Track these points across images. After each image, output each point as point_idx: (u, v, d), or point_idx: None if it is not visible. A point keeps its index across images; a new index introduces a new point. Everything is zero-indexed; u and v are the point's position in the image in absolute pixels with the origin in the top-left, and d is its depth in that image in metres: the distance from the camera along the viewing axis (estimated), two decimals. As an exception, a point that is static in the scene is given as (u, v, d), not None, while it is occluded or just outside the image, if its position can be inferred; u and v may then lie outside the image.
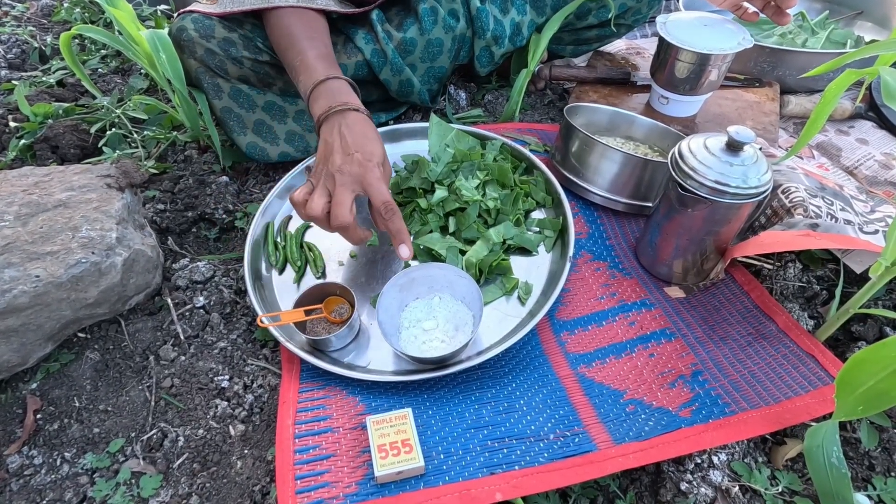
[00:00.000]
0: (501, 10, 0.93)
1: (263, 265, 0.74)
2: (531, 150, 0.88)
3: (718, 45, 0.80)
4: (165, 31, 0.80)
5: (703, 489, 0.51)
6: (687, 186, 0.59)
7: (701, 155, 0.58)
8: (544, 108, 1.07)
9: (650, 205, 0.73)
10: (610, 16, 0.97)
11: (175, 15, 0.88)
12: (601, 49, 1.14)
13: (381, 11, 0.88)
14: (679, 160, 0.60)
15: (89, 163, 0.90)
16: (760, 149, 0.62)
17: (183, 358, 0.65)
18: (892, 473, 0.55)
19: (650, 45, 1.21)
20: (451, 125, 0.86)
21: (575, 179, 0.78)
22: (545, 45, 0.95)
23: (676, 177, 0.60)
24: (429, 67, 0.93)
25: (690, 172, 0.58)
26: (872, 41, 1.12)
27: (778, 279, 0.69)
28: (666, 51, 0.84)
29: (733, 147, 0.57)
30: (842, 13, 1.20)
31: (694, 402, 0.56)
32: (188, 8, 0.82)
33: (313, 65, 0.68)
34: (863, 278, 0.67)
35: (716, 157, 0.58)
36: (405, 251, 0.62)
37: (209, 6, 0.79)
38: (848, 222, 0.66)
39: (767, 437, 0.57)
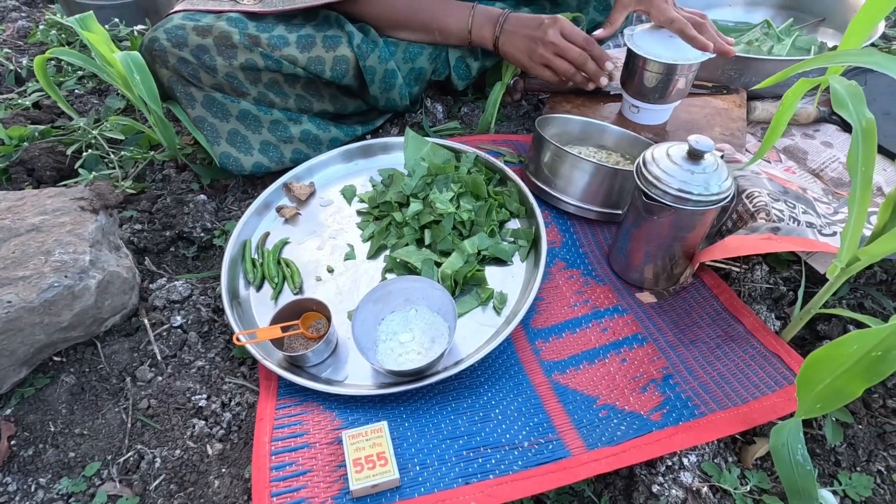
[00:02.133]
0: None
1: (241, 282, 0.74)
2: (506, 162, 0.90)
3: (684, 56, 0.82)
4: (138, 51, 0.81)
5: (674, 490, 0.52)
6: (651, 195, 0.61)
7: (664, 164, 0.60)
8: (520, 119, 1.09)
9: (621, 212, 0.74)
10: (581, 25, 0.99)
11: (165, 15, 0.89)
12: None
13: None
14: (643, 169, 0.62)
15: (65, 184, 0.90)
16: (722, 156, 0.63)
17: (160, 378, 0.65)
18: (858, 468, 0.56)
19: (622, 55, 1.24)
20: (427, 139, 0.87)
21: (548, 189, 0.80)
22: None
23: (642, 185, 0.62)
24: (411, 68, 0.94)
25: (654, 181, 0.60)
26: (834, 47, 1.16)
27: (746, 282, 0.71)
28: (634, 62, 0.86)
29: (694, 156, 0.59)
30: (806, 20, 1.24)
31: (665, 406, 0.58)
32: (176, 8, 0.84)
33: (448, 6, 0.89)
34: (826, 278, 0.69)
35: (678, 165, 0.60)
36: (610, 65, 0.87)
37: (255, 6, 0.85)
38: (810, 225, 0.69)
39: (737, 436, 0.58)
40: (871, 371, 0.42)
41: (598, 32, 0.91)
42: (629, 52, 0.86)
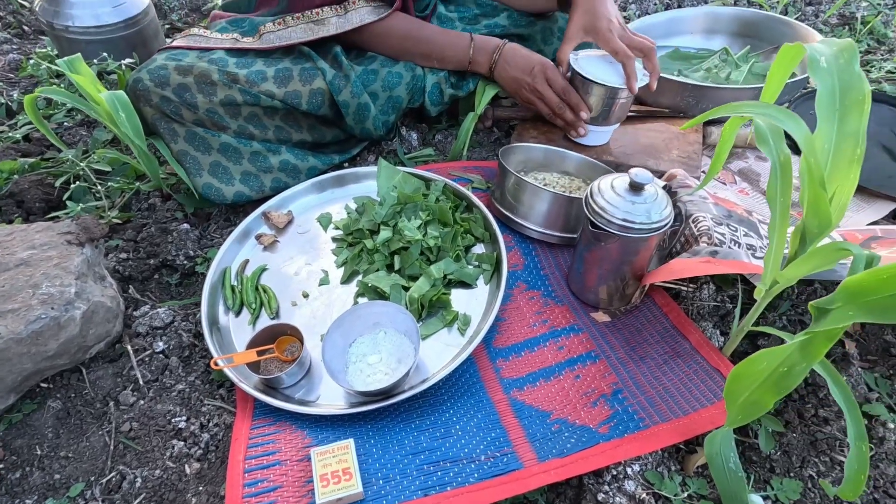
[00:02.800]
0: None
1: (221, 308, 0.78)
2: (474, 188, 0.95)
3: (623, 80, 0.88)
4: (123, 90, 0.86)
5: (618, 498, 0.56)
6: (599, 224, 0.66)
7: (608, 195, 0.65)
8: (491, 146, 1.14)
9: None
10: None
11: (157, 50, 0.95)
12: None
13: (342, 48, 0.95)
14: (591, 200, 0.67)
15: (54, 216, 0.94)
16: (665, 186, 0.69)
17: (142, 402, 0.68)
18: (791, 474, 0.61)
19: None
20: (398, 168, 0.92)
21: (511, 216, 0.85)
22: (492, 94, 1.02)
23: (589, 216, 0.67)
24: (388, 97, 0.98)
25: (601, 211, 0.65)
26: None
27: (694, 300, 0.76)
28: (580, 86, 0.92)
29: (635, 188, 0.65)
30: (761, 47, 1.31)
31: (613, 419, 0.62)
32: (176, 42, 0.90)
33: (448, 39, 0.97)
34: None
35: (621, 197, 0.65)
36: (585, 114, 0.92)
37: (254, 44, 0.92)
38: (750, 247, 0.74)
39: (681, 446, 0.63)
40: (780, 385, 0.47)
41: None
42: (573, 74, 0.92)
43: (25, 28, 1.68)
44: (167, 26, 1.65)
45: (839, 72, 0.49)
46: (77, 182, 0.99)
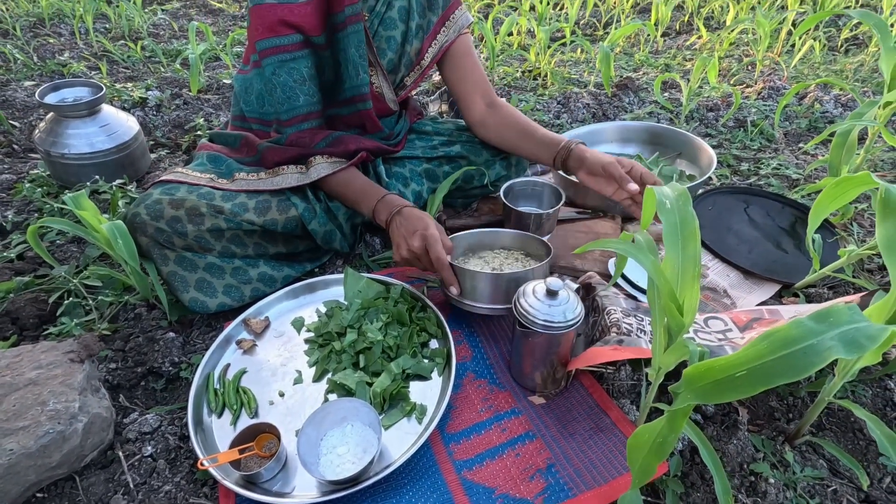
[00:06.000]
0: (403, 184, 1.20)
1: (205, 411, 0.87)
2: (429, 286, 1.10)
3: (545, 206, 1.09)
4: (120, 218, 0.99)
5: (552, 562, 0.66)
6: (525, 324, 0.81)
7: (531, 300, 0.81)
8: (444, 246, 1.31)
9: None
10: (486, 181, 1.27)
11: (149, 185, 1.10)
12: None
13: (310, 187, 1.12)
14: (518, 304, 0.82)
15: (47, 330, 1.04)
16: (577, 289, 0.85)
17: (132, 504, 0.76)
18: (696, 529, 0.72)
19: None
20: (362, 275, 1.07)
21: (462, 300, 0.98)
22: (439, 203, 1.20)
23: (518, 317, 0.82)
24: (351, 222, 1.17)
25: (525, 313, 0.81)
26: (691, 175, 1.48)
27: (615, 380, 0.91)
28: (514, 214, 1.12)
29: (551, 293, 0.81)
30: (668, 153, 1.57)
31: (546, 491, 0.73)
32: (163, 177, 1.04)
33: (367, 193, 1.06)
34: (677, 372, 0.90)
35: (541, 301, 0.81)
36: (454, 291, 0.94)
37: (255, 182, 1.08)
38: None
39: (606, 511, 0.74)
40: (659, 452, 0.60)
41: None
42: (505, 205, 1.13)
43: (15, 147, 1.82)
44: (151, 142, 1.83)
45: (679, 211, 0.67)
46: (70, 298, 1.09)
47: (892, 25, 2.51)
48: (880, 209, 0.68)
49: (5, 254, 1.24)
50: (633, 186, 0.99)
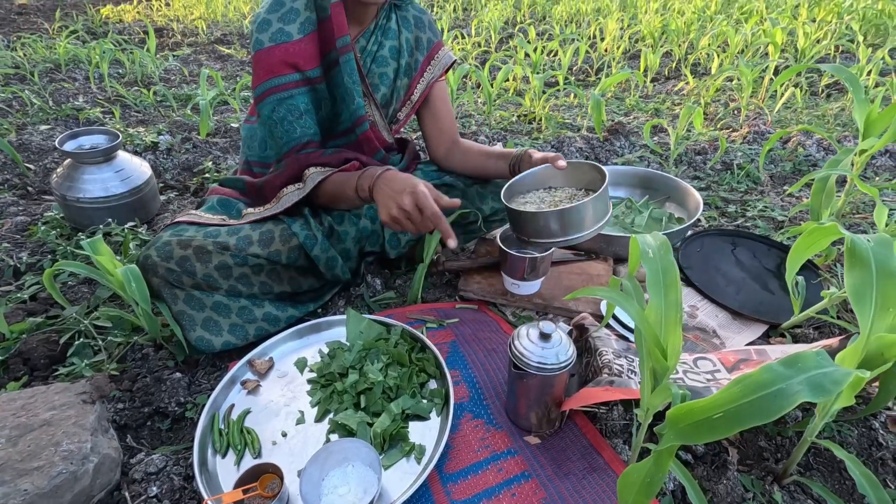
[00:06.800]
0: None
1: (209, 451, 0.90)
2: (428, 327, 1.14)
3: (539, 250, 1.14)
4: (132, 260, 1.04)
5: None
6: (520, 366, 0.85)
7: (525, 343, 0.85)
8: (443, 287, 1.36)
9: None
10: (479, 222, 1.33)
11: (163, 226, 1.16)
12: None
13: (310, 209, 1.18)
14: (513, 347, 0.86)
15: (56, 371, 1.07)
16: (569, 332, 0.89)
17: (137, 545, 0.77)
18: (689, 570, 0.74)
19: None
20: (364, 316, 1.11)
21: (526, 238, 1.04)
22: (436, 244, 1.26)
23: (512, 359, 0.86)
24: (356, 247, 1.23)
25: (519, 356, 0.84)
26: (679, 218, 1.54)
27: (608, 420, 0.93)
28: (510, 258, 1.17)
29: (544, 336, 0.85)
30: (657, 197, 1.64)
31: (542, 531, 0.75)
32: (176, 219, 1.10)
33: (348, 182, 1.08)
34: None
35: (535, 343, 0.85)
36: (452, 243, 0.96)
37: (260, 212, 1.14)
38: (643, 374, 0.93)
39: (600, 552, 0.76)
40: (648, 491, 0.63)
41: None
42: (501, 249, 1.18)
43: (30, 189, 1.89)
44: (161, 184, 1.90)
45: (660, 259, 0.72)
46: (80, 338, 1.13)
47: (869, 73, 2.64)
48: (848, 259, 0.73)
49: (18, 294, 1.28)
50: (562, 163, 1.12)
